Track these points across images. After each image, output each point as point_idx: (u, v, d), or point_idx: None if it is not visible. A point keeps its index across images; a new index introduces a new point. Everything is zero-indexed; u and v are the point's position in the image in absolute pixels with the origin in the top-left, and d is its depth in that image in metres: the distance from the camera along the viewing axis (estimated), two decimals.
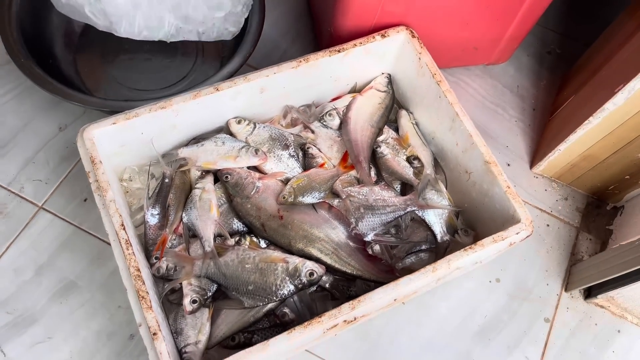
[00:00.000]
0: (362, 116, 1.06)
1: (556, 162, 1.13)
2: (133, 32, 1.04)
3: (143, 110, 0.91)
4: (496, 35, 1.16)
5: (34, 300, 0.96)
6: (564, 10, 1.39)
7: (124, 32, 1.03)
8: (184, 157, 0.98)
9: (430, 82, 1.01)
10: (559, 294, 1.08)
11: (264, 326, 0.91)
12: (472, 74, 1.29)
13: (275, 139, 1.02)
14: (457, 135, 0.99)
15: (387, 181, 1.03)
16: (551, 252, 1.12)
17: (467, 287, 1.06)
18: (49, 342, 0.94)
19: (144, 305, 0.77)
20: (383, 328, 1.01)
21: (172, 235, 0.95)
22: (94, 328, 0.96)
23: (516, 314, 1.05)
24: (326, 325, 0.79)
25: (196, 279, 0.90)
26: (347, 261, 0.93)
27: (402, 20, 1.05)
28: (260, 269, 0.89)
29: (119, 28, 1.02)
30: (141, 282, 0.79)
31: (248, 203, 0.95)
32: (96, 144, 0.88)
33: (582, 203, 1.17)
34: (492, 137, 1.22)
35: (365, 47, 1.02)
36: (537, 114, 1.26)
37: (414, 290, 0.84)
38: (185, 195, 0.97)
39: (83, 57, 1.17)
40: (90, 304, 0.97)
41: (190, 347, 0.87)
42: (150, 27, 1.02)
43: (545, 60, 1.33)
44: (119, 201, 0.88)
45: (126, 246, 0.81)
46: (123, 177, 1.01)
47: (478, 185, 0.98)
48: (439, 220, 1.01)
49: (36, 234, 1.01)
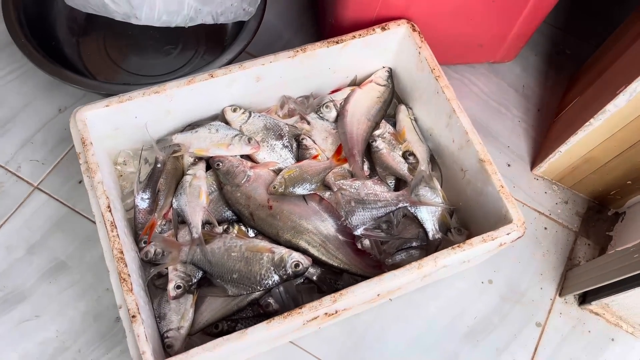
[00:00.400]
0: (359, 109, 1.05)
1: (557, 164, 1.11)
2: (153, 18, 1.01)
3: (137, 94, 0.91)
4: (501, 33, 1.13)
5: (24, 278, 0.97)
6: (575, 10, 1.36)
7: (145, 19, 1.01)
8: (178, 143, 0.98)
9: (429, 77, 0.99)
10: (552, 298, 1.06)
11: (247, 315, 0.91)
12: (477, 72, 1.27)
13: (270, 128, 1.01)
14: (454, 132, 0.97)
15: (380, 176, 1.02)
16: (547, 256, 1.09)
17: (458, 286, 1.05)
18: (36, 321, 0.95)
19: (125, 288, 0.78)
20: (370, 324, 1.00)
21: (161, 221, 0.95)
22: (82, 309, 0.96)
23: (507, 317, 1.03)
24: (306, 316, 0.78)
25: (182, 264, 0.90)
26: (334, 254, 0.92)
27: (404, 14, 1.03)
28: (246, 257, 0.89)
29: (140, 13, 0.99)
30: (123, 265, 0.79)
31: (238, 191, 0.95)
32: (88, 125, 0.88)
33: (582, 207, 1.15)
34: (494, 137, 1.20)
35: (364, 40, 1.01)
36: (542, 114, 1.23)
37: (399, 286, 0.83)
38: (176, 181, 0.97)
39: (87, 41, 1.18)
40: (79, 285, 0.98)
41: (172, 332, 0.87)
42: (170, 12, 0.99)
43: (553, 61, 1.31)
44: (108, 183, 0.88)
45: (111, 228, 0.81)
46: (118, 161, 1.01)
47: (472, 184, 0.96)
48: (432, 217, 1.00)
49: (30, 213, 1.02)
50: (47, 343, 0.94)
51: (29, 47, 0.99)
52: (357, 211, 0.96)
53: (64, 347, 0.94)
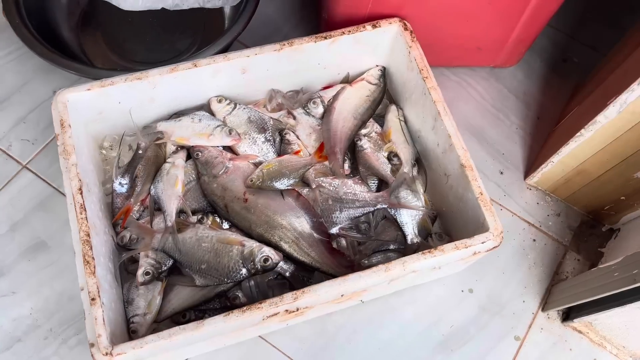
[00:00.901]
0: (346, 107, 1.03)
1: (550, 175, 1.07)
2: (137, 4, 1.03)
3: (119, 79, 0.91)
4: (500, 36, 1.10)
5: (4, 254, 0.99)
6: (586, 17, 1.31)
7: (128, 5, 1.02)
8: (161, 131, 0.99)
9: (418, 77, 0.97)
10: (534, 312, 1.03)
11: (215, 307, 0.91)
12: (477, 76, 1.24)
13: (253, 121, 1.01)
14: (439, 135, 0.95)
15: (362, 176, 1.00)
16: (533, 269, 1.06)
17: (436, 293, 1.02)
18: (12, 297, 0.97)
19: (87, 270, 0.78)
20: (342, 325, 0.99)
21: (138, 207, 0.96)
22: (57, 289, 0.98)
23: (485, 328, 1.01)
24: (266, 312, 0.78)
25: (153, 251, 0.90)
26: (307, 252, 0.91)
27: (398, 12, 1.01)
28: (216, 249, 0.88)
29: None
30: (88, 247, 0.79)
31: (214, 182, 0.94)
32: (69, 108, 0.89)
33: (575, 221, 1.11)
34: (489, 143, 1.17)
35: (354, 37, 0.99)
36: (541, 123, 1.20)
37: (364, 287, 0.82)
38: (156, 168, 0.97)
39: (86, 27, 1.19)
40: (57, 265, 0.99)
41: (138, 318, 0.87)
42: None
43: (559, 68, 1.26)
44: (85, 166, 0.89)
45: (80, 210, 0.82)
46: (104, 145, 1.02)
47: (454, 189, 0.94)
48: (412, 221, 0.98)
49: (16, 191, 1.04)
50: (20, 319, 0.95)
51: (22, 29, 1.00)
52: (334, 210, 0.95)
53: (36, 324, 0.95)
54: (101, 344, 0.74)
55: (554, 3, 1.00)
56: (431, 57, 1.01)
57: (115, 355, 0.73)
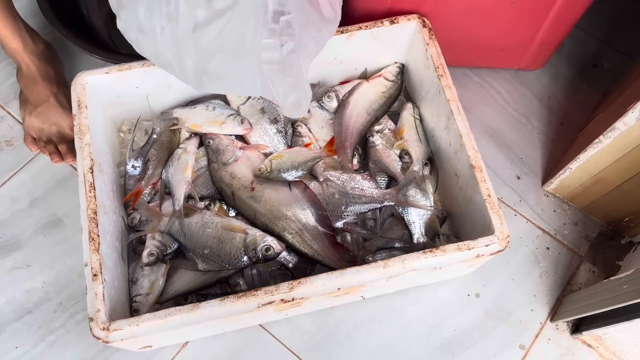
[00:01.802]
0: (361, 102, 1.03)
1: (568, 182, 1.04)
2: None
3: (136, 64, 0.94)
4: (524, 37, 1.07)
5: (22, 228, 1.03)
6: (620, 21, 1.27)
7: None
8: (177, 117, 1.01)
9: (433, 75, 0.96)
10: (542, 322, 1.00)
11: (216, 292, 0.92)
12: (501, 77, 1.21)
13: (266, 112, 1.01)
14: (451, 134, 0.93)
15: (372, 172, 1.00)
16: (545, 277, 1.03)
17: (441, 295, 1.01)
18: (27, 270, 1.00)
19: (92, 247, 0.80)
20: (343, 320, 0.98)
21: (149, 190, 0.98)
22: (69, 264, 1.01)
23: (489, 334, 0.98)
24: (261, 300, 0.78)
25: (160, 234, 0.92)
26: (309, 244, 0.91)
27: (418, 9, 1.00)
28: (220, 235, 0.90)
29: None
30: (94, 225, 0.82)
31: (223, 170, 0.96)
32: (87, 89, 0.92)
33: (593, 231, 1.07)
34: (507, 146, 1.14)
35: (371, 32, 0.99)
36: (565, 129, 1.16)
37: (361, 282, 0.81)
38: (168, 154, 0.99)
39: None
40: (70, 242, 1.03)
41: (140, 298, 0.89)
42: None
43: (588, 74, 1.22)
44: (100, 147, 0.92)
45: (89, 189, 0.84)
46: (122, 129, 1.05)
47: (464, 190, 0.92)
48: (419, 220, 0.96)
49: (38, 169, 1.08)
50: (32, 292, 0.99)
51: (51, 13, 1.04)
52: (340, 204, 0.94)
53: (47, 297, 0.99)
54: (99, 319, 0.76)
55: (580, 4, 0.97)
56: (453, 57, 0.99)
57: (112, 330, 0.75)
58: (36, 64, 1.06)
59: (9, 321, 0.97)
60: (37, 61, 1.06)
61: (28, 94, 1.07)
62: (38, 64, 1.06)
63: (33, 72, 1.06)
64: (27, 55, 1.05)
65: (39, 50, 1.07)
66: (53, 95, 1.06)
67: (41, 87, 1.06)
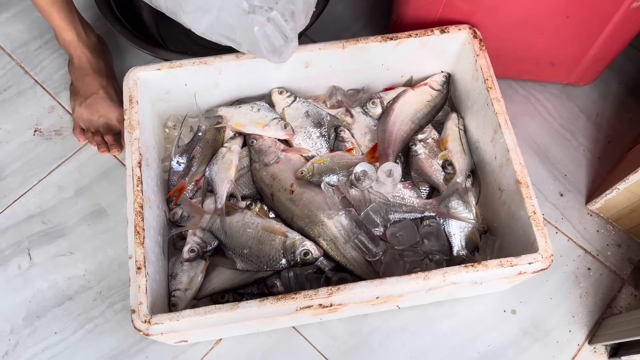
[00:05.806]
0: (405, 110, 1.02)
1: (614, 203, 1.01)
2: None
3: (187, 62, 0.95)
4: (576, 53, 1.05)
5: (67, 216, 1.06)
6: None
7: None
8: (221, 115, 1.02)
9: (482, 87, 0.95)
10: (580, 344, 0.98)
11: (253, 292, 0.93)
12: (548, 92, 1.19)
13: (311, 115, 1.02)
14: (497, 148, 0.92)
15: (415, 181, 0.99)
16: (584, 298, 1.01)
17: (477, 309, 0.99)
18: (70, 257, 1.03)
19: (137, 240, 0.82)
20: (376, 328, 0.98)
21: (192, 186, 0.99)
22: (110, 254, 1.03)
23: (524, 353, 0.97)
24: (300, 303, 0.78)
25: (201, 231, 0.94)
26: (343, 252, 0.91)
27: (469, 19, 0.99)
28: (260, 236, 0.90)
29: None
30: (140, 219, 0.83)
31: (264, 170, 0.96)
32: (138, 85, 0.93)
33: (637, 254, 1.04)
34: (551, 162, 1.12)
35: (421, 40, 0.98)
36: (612, 147, 1.13)
37: (400, 293, 0.81)
38: (213, 151, 1.01)
39: None
40: (112, 232, 1.05)
41: (178, 293, 0.91)
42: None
43: (638, 92, 1.19)
44: (147, 142, 0.93)
45: (137, 183, 0.86)
46: (168, 124, 1.07)
47: (507, 205, 0.91)
48: (460, 232, 0.96)
49: (85, 159, 1.11)
50: (74, 279, 1.01)
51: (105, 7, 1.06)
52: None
53: (88, 286, 1.01)
54: (141, 312, 0.77)
55: (637, 22, 0.95)
56: (500, 69, 0.98)
57: (152, 324, 0.77)
58: (88, 57, 1.08)
59: (50, 307, 0.99)
60: (89, 54, 1.09)
61: (78, 85, 1.10)
62: (90, 57, 1.09)
63: (84, 64, 1.08)
64: (80, 48, 1.07)
65: (92, 43, 1.10)
66: (102, 88, 1.08)
67: (91, 79, 1.08)
